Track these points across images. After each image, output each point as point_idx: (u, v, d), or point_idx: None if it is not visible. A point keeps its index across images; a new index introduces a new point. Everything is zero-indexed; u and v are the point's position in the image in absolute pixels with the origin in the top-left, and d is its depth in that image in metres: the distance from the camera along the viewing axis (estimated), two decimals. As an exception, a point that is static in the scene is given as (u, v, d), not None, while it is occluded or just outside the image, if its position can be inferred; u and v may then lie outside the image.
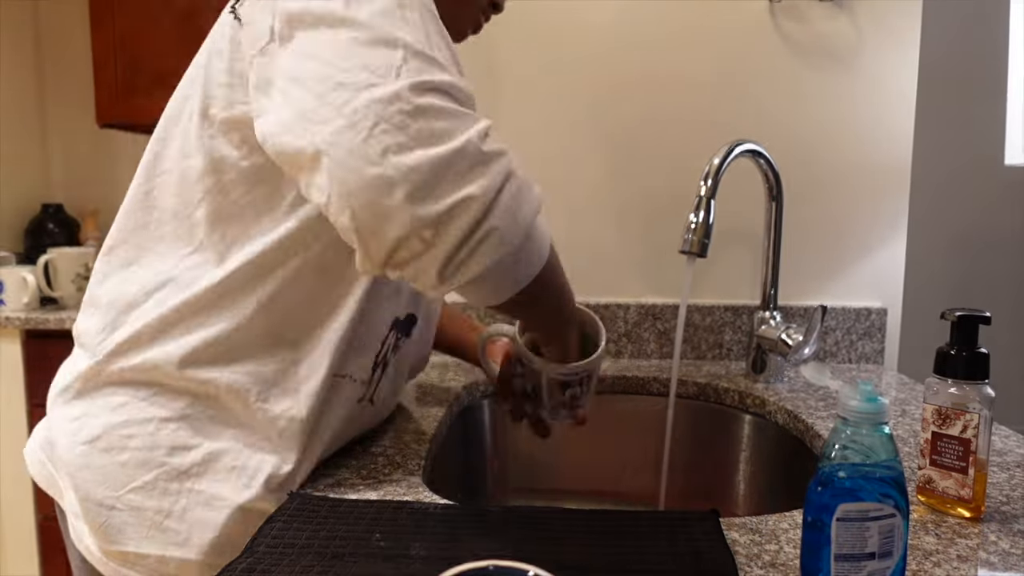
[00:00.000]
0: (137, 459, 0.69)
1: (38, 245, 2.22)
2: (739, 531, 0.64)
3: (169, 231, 0.72)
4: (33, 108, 2.42)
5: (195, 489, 0.69)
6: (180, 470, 0.69)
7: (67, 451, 0.72)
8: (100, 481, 0.70)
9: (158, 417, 0.70)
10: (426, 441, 0.88)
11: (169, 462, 0.69)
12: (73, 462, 0.71)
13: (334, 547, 0.59)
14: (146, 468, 0.69)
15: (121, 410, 0.71)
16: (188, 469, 0.69)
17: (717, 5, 1.33)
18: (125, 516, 0.69)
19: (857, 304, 1.34)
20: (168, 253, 0.72)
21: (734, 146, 1.07)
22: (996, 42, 2.43)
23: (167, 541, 0.69)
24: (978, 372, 0.66)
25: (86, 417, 0.72)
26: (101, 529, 0.69)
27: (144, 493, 0.69)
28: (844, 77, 1.33)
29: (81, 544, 0.73)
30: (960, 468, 0.66)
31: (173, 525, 0.69)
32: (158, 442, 0.69)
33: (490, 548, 0.58)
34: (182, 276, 0.70)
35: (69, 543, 0.76)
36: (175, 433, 0.70)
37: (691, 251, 1.02)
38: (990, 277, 2.49)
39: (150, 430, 0.70)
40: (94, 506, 0.70)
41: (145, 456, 0.69)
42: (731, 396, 1.16)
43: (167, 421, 0.70)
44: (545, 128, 1.38)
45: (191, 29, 2.04)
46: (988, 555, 0.60)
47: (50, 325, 1.86)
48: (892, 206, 1.34)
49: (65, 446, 0.72)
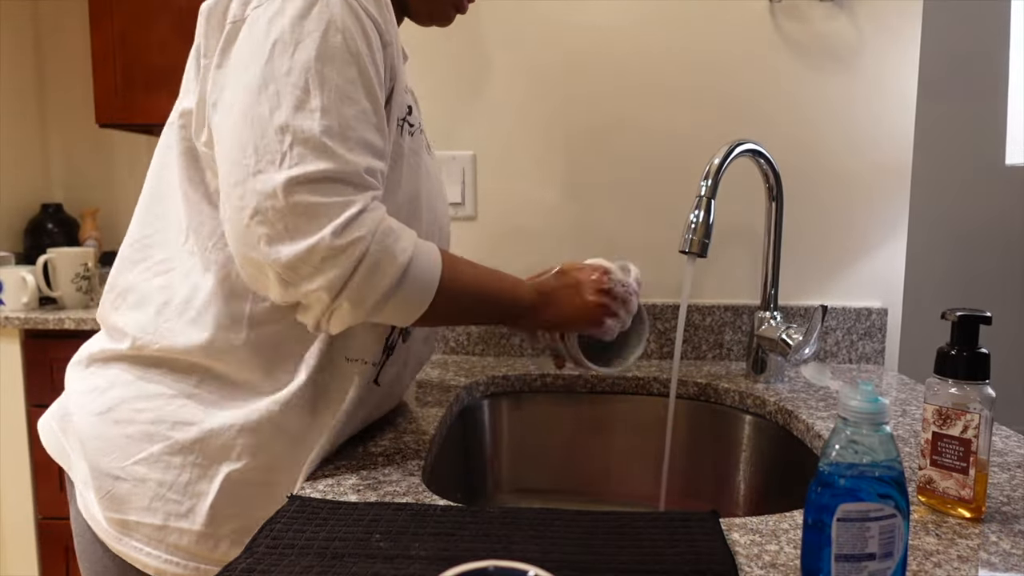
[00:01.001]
0: (143, 432, 0.72)
1: (37, 245, 2.22)
2: (739, 531, 0.63)
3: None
4: (33, 108, 2.42)
5: (197, 463, 0.72)
6: (183, 445, 0.72)
7: (80, 421, 0.75)
8: (108, 451, 0.73)
9: (167, 393, 0.73)
10: (426, 441, 0.88)
11: (173, 436, 0.72)
12: (85, 431, 0.75)
13: (334, 548, 0.59)
14: (151, 441, 0.72)
15: (132, 385, 0.74)
16: (190, 444, 0.71)
17: (717, 5, 1.33)
18: (129, 486, 0.72)
19: (857, 304, 1.34)
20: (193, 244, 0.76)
21: (734, 146, 1.07)
22: (996, 42, 2.43)
23: (169, 512, 0.71)
24: (979, 372, 0.66)
25: (100, 389, 0.75)
26: (107, 497, 0.73)
27: (148, 465, 0.72)
28: (844, 77, 1.32)
29: (87, 512, 0.75)
30: (961, 468, 0.66)
31: (175, 497, 0.71)
32: (163, 416, 0.72)
33: (490, 548, 0.58)
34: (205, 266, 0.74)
35: (74, 513, 0.79)
36: (181, 409, 0.72)
37: (691, 251, 1.02)
38: (990, 277, 2.49)
39: (158, 404, 0.73)
40: (101, 475, 0.73)
41: (151, 429, 0.72)
42: (731, 396, 1.16)
43: (174, 397, 0.73)
44: (544, 128, 1.37)
45: (190, 29, 2.04)
46: (989, 555, 0.60)
47: (49, 325, 1.86)
48: (892, 206, 1.34)
49: (79, 416, 0.76)
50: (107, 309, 0.79)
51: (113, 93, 2.08)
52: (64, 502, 0.82)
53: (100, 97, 2.09)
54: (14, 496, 1.95)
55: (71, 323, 1.84)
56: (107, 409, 0.74)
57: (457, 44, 1.37)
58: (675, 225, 1.09)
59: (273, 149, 0.61)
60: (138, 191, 0.83)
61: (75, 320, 1.84)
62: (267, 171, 0.60)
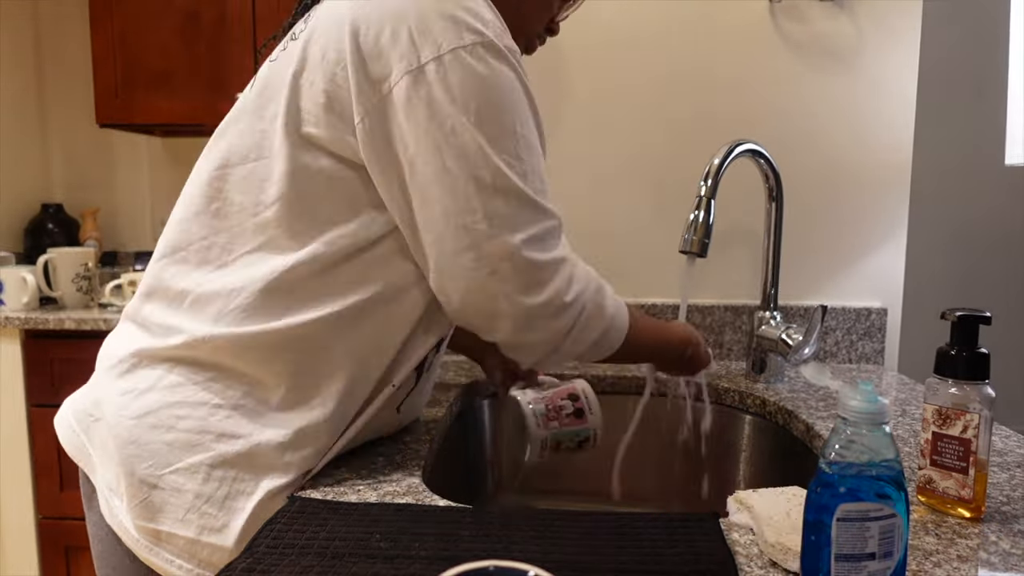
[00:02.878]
0: (184, 440, 0.70)
1: (38, 245, 2.22)
2: (739, 531, 0.63)
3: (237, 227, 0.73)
4: (33, 108, 2.42)
5: (239, 478, 0.70)
6: (225, 458, 0.69)
7: (115, 424, 0.72)
8: (145, 457, 0.70)
9: (211, 403, 0.71)
10: (426, 441, 0.88)
11: (217, 448, 0.69)
12: (120, 436, 0.71)
13: (334, 547, 0.59)
14: (193, 451, 0.70)
15: (176, 390, 0.71)
16: (233, 458, 0.69)
17: (717, 5, 1.33)
18: (166, 496, 0.69)
19: (857, 304, 1.34)
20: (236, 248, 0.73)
21: (734, 146, 1.07)
22: (996, 42, 2.43)
23: (203, 525, 0.69)
24: (978, 372, 0.66)
25: (137, 391, 0.72)
26: (140, 505, 0.70)
27: (187, 475, 0.69)
28: (844, 77, 1.32)
29: (114, 520, 0.72)
30: (960, 468, 0.66)
31: (211, 511, 0.69)
32: (208, 427, 0.70)
33: (490, 548, 0.58)
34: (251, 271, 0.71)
35: (94, 518, 0.76)
36: (227, 420, 0.70)
37: (691, 251, 1.02)
38: (990, 277, 2.49)
39: (202, 414, 0.70)
40: (136, 482, 0.70)
41: (194, 439, 0.70)
42: (731, 396, 1.16)
43: (219, 407, 0.70)
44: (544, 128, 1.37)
45: (190, 29, 2.04)
46: (988, 555, 0.60)
47: (50, 325, 1.86)
48: (892, 206, 1.34)
49: (112, 419, 0.73)
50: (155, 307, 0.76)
51: (113, 93, 2.08)
52: (65, 502, 0.80)
53: (100, 97, 2.08)
54: (14, 496, 1.95)
55: (71, 323, 1.84)
56: (144, 413, 0.71)
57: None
58: (675, 225, 1.10)
59: (504, 214, 0.67)
60: (138, 191, 0.82)
61: (75, 320, 1.84)
62: (500, 235, 0.67)
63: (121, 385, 0.74)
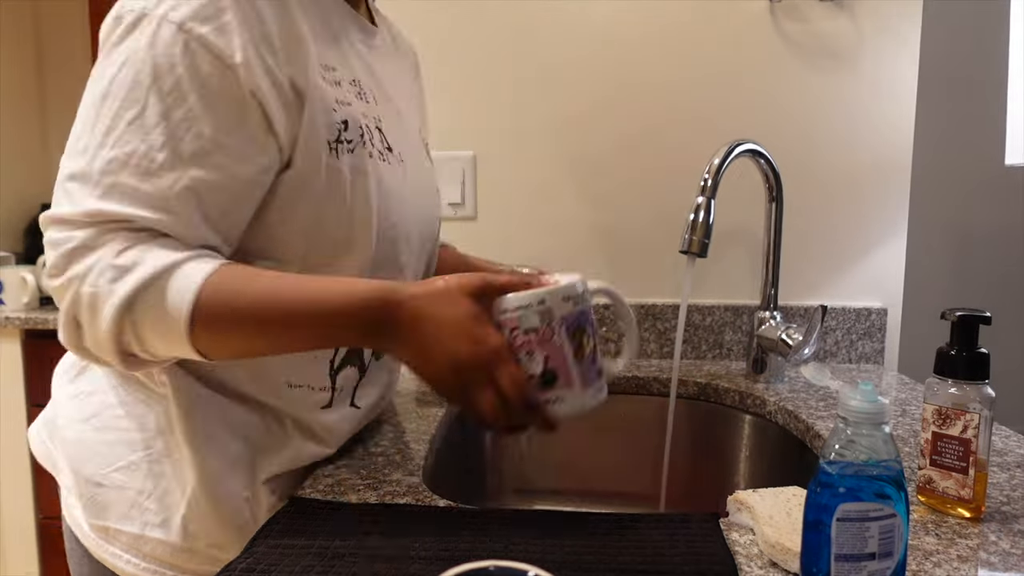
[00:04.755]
0: (126, 439, 0.72)
1: (38, 245, 2.21)
2: (739, 531, 0.64)
3: None
4: (33, 108, 2.42)
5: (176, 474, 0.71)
6: (164, 453, 0.71)
7: (66, 427, 0.75)
8: (90, 457, 0.73)
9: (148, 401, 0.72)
10: (426, 441, 0.88)
11: (155, 446, 0.71)
12: (69, 438, 0.75)
13: (334, 547, 0.59)
14: (132, 448, 0.72)
15: (118, 391, 0.73)
16: (171, 453, 0.71)
17: (717, 5, 1.33)
18: (111, 493, 0.72)
19: (857, 304, 1.34)
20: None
21: (734, 146, 1.07)
22: (996, 42, 2.43)
23: (146, 521, 0.71)
24: (978, 372, 0.66)
25: (84, 394, 0.75)
26: (89, 503, 0.73)
27: (128, 473, 0.71)
28: (844, 77, 1.32)
29: (71, 517, 0.76)
30: (960, 468, 0.66)
31: (152, 506, 0.71)
32: (146, 425, 0.72)
33: (490, 548, 0.58)
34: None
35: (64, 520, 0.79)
36: (162, 417, 0.71)
37: (691, 251, 1.02)
38: (990, 277, 2.48)
39: (140, 411, 0.72)
40: (84, 481, 0.73)
41: (134, 437, 0.72)
42: (731, 396, 1.16)
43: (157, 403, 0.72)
44: (544, 129, 1.38)
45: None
46: (988, 555, 0.60)
47: (50, 325, 1.86)
48: (892, 206, 1.34)
49: (63, 421, 0.76)
50: None
51: (113, 93, 2.08)
52: (64, 502, 0.82)
53: (100, 97, 2.08)
54: (14, 496, 1.95)
55: (71, 323, 1.84)
56: (91, 415, 0.74)
57: (458, 45, 1.37)
58: (675, 225, 1.10)
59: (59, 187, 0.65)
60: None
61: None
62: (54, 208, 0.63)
63: (70, 389, 0.77)
